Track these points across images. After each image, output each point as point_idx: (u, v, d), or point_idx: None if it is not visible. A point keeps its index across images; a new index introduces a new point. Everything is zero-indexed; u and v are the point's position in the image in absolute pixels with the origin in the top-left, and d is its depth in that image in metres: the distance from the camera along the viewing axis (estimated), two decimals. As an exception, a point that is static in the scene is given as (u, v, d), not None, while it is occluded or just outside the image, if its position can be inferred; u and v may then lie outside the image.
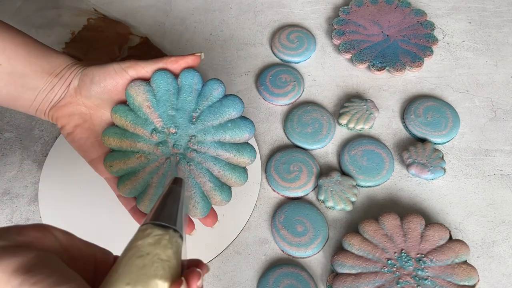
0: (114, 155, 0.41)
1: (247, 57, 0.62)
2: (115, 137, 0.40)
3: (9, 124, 0.57)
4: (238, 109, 0.41)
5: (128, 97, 0.41)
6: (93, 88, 0.40)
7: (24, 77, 0.39)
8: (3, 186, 0.53)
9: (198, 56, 0.41)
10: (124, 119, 0.41)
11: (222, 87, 0.41)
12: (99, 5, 0.67)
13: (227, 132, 0.41)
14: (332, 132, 0.55)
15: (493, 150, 0.54)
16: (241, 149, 0.41)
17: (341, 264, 0.44)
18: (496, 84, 0.59)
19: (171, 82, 0.41)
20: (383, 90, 0.59)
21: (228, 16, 0.66)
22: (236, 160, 0.41)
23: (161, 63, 0.41)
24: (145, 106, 0.40)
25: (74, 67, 0.41)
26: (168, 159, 0.41)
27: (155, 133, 0.41)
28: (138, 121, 0.41)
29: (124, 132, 0.41)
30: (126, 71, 0.40)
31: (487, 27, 0.64)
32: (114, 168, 0.40)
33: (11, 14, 0.66)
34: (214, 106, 0.41)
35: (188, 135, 0.41)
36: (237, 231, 0.49)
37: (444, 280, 0.43)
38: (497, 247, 0.48)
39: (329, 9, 0.67)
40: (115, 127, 0.41)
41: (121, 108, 0.41)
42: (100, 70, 0.40)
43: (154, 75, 0.41)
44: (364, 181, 0.51)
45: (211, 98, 0.41)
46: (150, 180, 0.40)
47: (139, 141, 0.41)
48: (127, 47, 0.63)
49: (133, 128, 0.41)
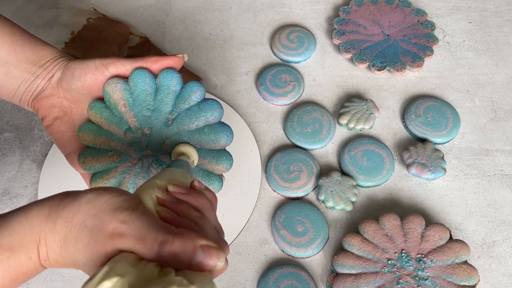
0: (88, 152, 0.40)
1: (247, 57, 0.62)
2: (90, 133, 0.40)
3: (9, 124, 0.57)
4: (216, 114, 0.40)
5: (104, 94, 0.40)
6: (73, 82, 0.40)
7: (8, 65, 0.39)
8: (2, 186, 0.53)
9: (181, 57, 0.40)
10: (99, 116, 0.40)
11: (201, 90, 0.40)
12: (98, 4, 0.67)
13: (203, 138, 0.39)
14: (332, 132, 0.55)
15: (493, 150, 0.54)
16: (217, 155, 0.40)
17: (341, 264, 0.44)
18: (497, 84, 0.59)
19: (149, 82, 0.40)
20: (384, 90, 0.59)
21: (228, 16, 0.66)
22: (211, 167, 0.40)
23: (141, 62, 0.40)
24: (121, 104, 0.40)
25: (60, 59, 0.41)
26: (141, 160, 0.40)
27: (128, 133, 0.40)
28: (113, 119, 0.40)
29: (99, 129, 0.40)
30: (106, 68, 0.40)
31: (487, 26, 0.64)
32: (87, 165, 0.40)
33: (10, 14, 0.66)
34: (192, 110, 0.40)
35: (162, 138, 0.40)
36: (237, 231, 0.49)
37: (445, 280, 0.43)
38: (497, 247, 0.48)
39: (329, 9, 0.67)
40: (91, 123, 0.41)
41: (97, 104, 0.40)
42: (82, 64, 0.40)
43: (133, 73, 0.40)
44: (364, 181, 0.51)
45: (189, 101, 0.40)
46: (122, 180, 0.40)
47: (112, 139, 0.40)
48: (127, 47, 0.63)
49: (108, 126, 0.40)
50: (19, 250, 0.28)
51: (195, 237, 0.27)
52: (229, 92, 0.59)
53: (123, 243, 0.26)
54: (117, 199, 0.28)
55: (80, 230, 0.28)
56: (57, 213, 0.28)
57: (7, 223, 0.29)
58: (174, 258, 0.26)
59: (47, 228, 0.28)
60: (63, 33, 0.64)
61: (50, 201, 0.29)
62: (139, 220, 0.27)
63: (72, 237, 0.28)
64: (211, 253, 0.27)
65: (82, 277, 0.47)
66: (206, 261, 0.27)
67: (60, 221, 0.28)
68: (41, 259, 0.29)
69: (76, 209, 0.28)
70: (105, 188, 0.29)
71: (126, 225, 0.27)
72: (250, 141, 0.54)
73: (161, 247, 0.26)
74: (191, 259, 0.26)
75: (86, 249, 0.27)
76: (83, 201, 0.28)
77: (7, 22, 0.41)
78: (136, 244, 0.26)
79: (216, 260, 0.27)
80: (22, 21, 0.65)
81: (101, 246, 0.27)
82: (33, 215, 0.29)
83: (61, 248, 0.28)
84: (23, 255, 0.29)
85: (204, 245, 0.27)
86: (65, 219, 0.28)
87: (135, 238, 0.26)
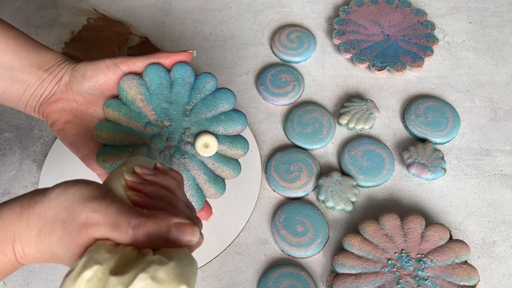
0: (107, 150, 0.40)
1: (247, 57, 0.62)
2: (108, 131, 0.40)
3: (9, 124, 0.57)
4: (231, 102, 0.41)
5: (120, 91, 0.40)
6: (85, 83, 0.40)
7: (12, 70, 0.39)
8: (2, 186, 0.53)
9: (190, 53, 0.42)
10: (117, 112, 0.40)
11: (214, 80, 0.42)
12: (98, 4, 0.67)
13: (220, 124, 0.41)
14: (332, 132, 0.55)
15: (493, 150, 0.54)
16: (234, 141, 0.41)
17: (341, 264, 0.44)
18: (497, 84, 0.59)
19: (164, 75, 0.41)
20: (384, 90, 0.59)
21: (228, 16, 0.66)
22: (230, 152, 0.41)
23: (153, 58, 0.41)
24: (138, 99, 0.40)
25: (64, 63, 0.41)
26: (163, 152, 0.40)
27: (149, 126, 0.40)
28: (131, 114, 0.40)
29: (117, 126, 0.40)
30: (118, 66, 0.40)
31: (487, 27, 0.64)
32: (107, 163, 0.40)
33: (10, 14, 0.66)
34: (207, 99, 0.41)
35: (182, 128, 0.41)
36: (237, 231, 0.49)
37: (445, 280, 0.43)
38: (497, 247, 0.48)
39: (329, 9, 0.67)
40: (107, 121, 0.41)
41: (113, 102, 0.40)
42: (92, 65, 0.40)
43: (147, 69, 0.40)
44: (364, 181, 0.51)
45: (203, 91, 0.41)
46: None
47: (133, 134, 0.40)
48: (127, 47, 0.63)
49: (127, 121, 0.40)
50: None
51: (167, 216, 0.28)
52: (229, 92, 0.59)
53: (97, 232, 0.27)
54: (85, 189, 0.28)
55: (53, 224, 0.28)
56: (29, 211, 0.29)
57: None
58: (149, 239, 0.27)
59: (21, 226, 0.29)
60: (63, 33, 0.64)
61: (20, 200, 0.30)
62: (109, 207, 0.27)
63: (46, 232, 0.28)
64: (186, 230, 0.28)
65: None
66: (181, 238, 0.27)
67: (33, 218, 0.29)
68: (17, 256, 0.29)
69: (46, 205, 0.29)
70: (71, 181, 0.29)
71: (97, 214, 0.27)
72: (250, 141, 0.54)
73: (135, 231, 0.27)
74: (167, 238, 0.27)
75: (61, 242, 0.28)
76: (52, 196, 0.29)
77: (11, 27, 0.40)
78: (110, 231, 0.27)
79: (191, 236, 0.28)
80: (22, 21, 0.65)
81: (76, 237, 0.27)
82: (4, 214, 0.29)
83: (37, 244, 0.29)
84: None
85: (178, 223, 0.28)
86: (38, 216, 0.29)
87: (108, 225, 0.27)
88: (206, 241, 0.48)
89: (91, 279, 0.25)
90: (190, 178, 0.40)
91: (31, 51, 0.40)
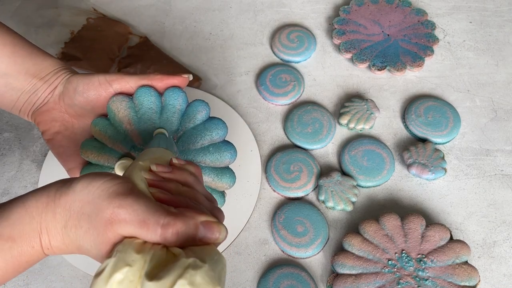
0: (90, 169, 0.40)
1: (247, 57, 0.62)
2: (93, 150, 0.40)
3: (8, 124, 0.57)
4: (221, 134, 0.40)
5: (109, 112, 0.40)
6: (76, 97, 0.40)
7: (7, 76, 0.39)
8: (2, 186, 0.52)
9: (186, 78, 0.41)
10: (103, 133, 0.40)
11: (206, 110, 0.40)
12: (98, 4, 0.67)
13: (207, 156, 0.40)
14: (332, 132, 0.55)
15: (494, 150, 0.54)
16: (220, 173, 0.40)
17: (342, 265, 0.44)
18: (497, 83, 0.59)
19: (154, 100, 0.39)
20: (384, 90, 0.59)
21: (228, 15, 0.66)
22: (215, 185, 0.41)
23: (146, 79, 0.40)
24: (126, 122, 0.40)
25: (61, 72, 0.41)
26: None
27: (133, 151, 0.40)
28: (118, 137, 0.40)
29: (102, 146, 0.40)
30: (110, 84, 0.39)
31: (488, 26, 0.64)
32: None
33: (10, 13, 0.66)
34: (197, 129, 0.40)
35: None
36: (237, 231, 0.49)
37: (445, 281, 0.43)
38: (498, 247, 0.48)
39: (329, 9, 0.67)
40: (94, 140, 0.41)
41: (101, 122, 0.40)
42: (85, 80, 0.40)
43: (138, 91, 0.39)
44: (365, 181, 0.51)
45: (194, 120, 0.40)
46: None
47: (116, 157, 0.40)
48: (127, 47, 0.63)
49: (112, 143, 0.40)
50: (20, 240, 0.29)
51: (195, 215, 0.28)
52: (229, 92, 0.59)
53: (124, 229, 0.27)
54: (110, 183, 0.28)
55: (79, 217, 0.28)
56: (55, 203, 0.29)
57: (6, 214, 0.29)
58: (178, 239, 0.27)
59: (47, 218, 0.29)
60: (63, 33, 0.64)
61: (46, 190, 0.30)
62: (136, 203, 0.27)
63: (72, 225, 0.28)
64: (213, 228, 0.28)
65: (81, 278, 0.47)
66: (209, 236, 0.28)
67: (59, 210, 0.29)
68: (44, 247, 0.29)
69: (72, 198, 0.29)
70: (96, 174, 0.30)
71: (123, 210, 0.27)
72: (250, 141, 0.54)
73: (164, 230, 0.27)
74: (194, 236, 0.27)
75: (87, 236, 0.28)
76: (77, 189, 0.29)
77: (10, 33, 0.40)
78: (138, 229, 0.27)
79: (218, 233, 0.28)
80: (22, 21, 0.65)
81: (102, 232, 0.27)
82: (31, 205, 0.29)
83: (63, 236, 0.29)
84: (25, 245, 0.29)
85: (204, 221, 0.28)
86: (63, 208, 0.29)
87: (136, 223, 0.27)
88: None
89: (122, 281, 0.25)
90: None
91: (28, 58, 0.40)
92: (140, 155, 0.33)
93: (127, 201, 0.27)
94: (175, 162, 0.33)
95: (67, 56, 0.61)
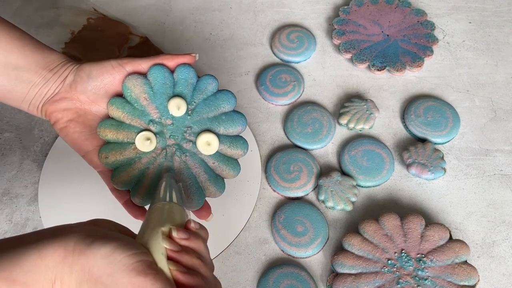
0: (109, 147, 0.41)
1: (247, 57, 0.62)
2: (112, 128, 0.41)
3: (9, 124, 0.57)
4: (231, 103, 0.42)
5: (125, 89, 0.41)
6: (90, 82, 0.40)
7: (18, 69, 0.40)
8: (3, 186, 0.53)
9: (193, 56, 0.43)
10: (121, 110, 0.41)
11: (216, 82, 0.43)
12: (98, 4, 0.67)
13: (221, 124, 0.42)
14: (332, 132, 0.55)
15: (493, 150, 0.54)
16: (234, 141, 0.42)
17: (341, 264, 0.44)
18: (497, 84, 0.59)
19: (167, 76, 0.42)
20: (383, 90, 0.59)
21: (228, 16, 0.66)
22: (230, 152, 0.42)
23: (158, 59, 0.42)
24: (142, 98, 0.41)
25: (68, 64, 0.42)
26: (164, 149, 0.41)
27: (152, 124, 0.41)
28: (135, 112, 0.41)
29: (120, 123, 0.41)
30: (123, 67, 0.41)
31: (487, 27, 0.64)
32: (109, 159, 0.40)
33: (10, 14, 0.66)
34: (209, 100, 0.42)
35: (184, 126, 0.41)
36: (237, 231, 0.49)
37: (444, 280, 0.43)
38: (497, 247, 0.48)
39: (329, 9, 0.67)
40: (111, 119, 0.41)
41: (118, 100, 0.41)
42: (97, 65, 0.41)
43: (151, 69, 0.41)
44: (364, 181, 0.51)
45: (205, 92, 0.42)
46: (146, 171, 0.41)
47: (135, 131, 0.41)
48: (127, 47, 0.63)
49: (130, 119, 0.41)
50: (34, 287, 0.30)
51: None
52: (229, 92, 0.59)
53: None
54: (132, 259, 0.29)
55: (96, 284, 0.29)
56: (73, 258, 0.30)
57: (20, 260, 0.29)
58: None
59: (63, 271, 0.30)
60: (63, 33, 0.64)
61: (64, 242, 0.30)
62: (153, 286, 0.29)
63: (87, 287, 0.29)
64: None
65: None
66: None
67: (77, 268, 0.30)
68: None
69: (92, 261, 0.29)
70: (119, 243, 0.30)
71: None
72: (250, 141, 0.54)
73: None
74: None
75: None
76: (98, 255, 0.30)
77: (15, 28, 0.41)
78: None
79: None
80: (22, 21, 0.65)
81: None
82: (47, 255, 0.30)
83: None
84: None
85: None
86: (82, 267, 0.30)
87: None
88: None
89: None
90: (191, 176, 0.41)
91: (36, 51, 0.41)
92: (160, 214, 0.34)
93: (146, 283, 0.29)
94: (192, 227, 0.34)
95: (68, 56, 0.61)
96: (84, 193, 0.51)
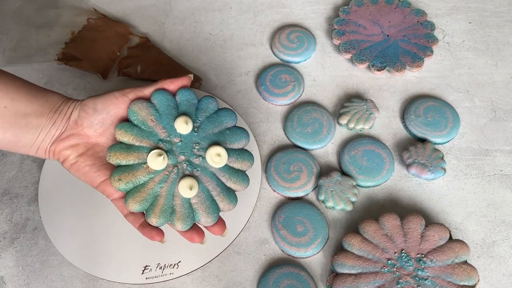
0: (121, 169, 0.41)
1: (247, 57, 0.62)
2: (122, 151, 0.41)
3: (9, 124, 0.57)
4: (233, 119, 0.44)
5: (131, 113, 0.42)
6: (96, 116, 0.41)
7: (27, 116, 0.41)
8: (3, 186, 0.53)
9: (189, 77, 0.45)
10: (129, 133, 0.41)
11: (215, 102, 0.45)
12: (98, 4, 0.67)
13: (226, 138, 0.43)
14: (332, 132, 0.55)
15: (493, 150, 0.54)
16: (241, 153, 0.43)
17: (341, 264, 0.44)
18: (496, 84, 0.59)
19: (170, 98, 0.43)
20: (383, 90, 0.59)
21: (228, 16, 0.66)
22: (238, 164, 0.43)
23: (158, 84, 0.43)
24: (149, 120, 0.42)
25: (70, 101, 0.43)
26: (176, 166, 0.41)
27: (161, 143, 0.42)
28: (143, 134, 0.42)
29: (130, 146, 0.41)
30: (126, 96, 0.42)
31: (487, 27, 0.64)
32: (122, 182, 0.40)
33: (10, 14, 0.66)
34: (212, 117, 0.44)
35: (192, 143, 0.42)
36: (237, 231, 0.49)
37: (444, 280, 0.43)
38: (497, 247, 0.48)
39: (329, 9, 0.67)
40: (119, 143, 0.42)
41: (125, 124, 0.42)
42: (101, 98, 0.42)
43: (154, 93, 0.43)
44: (364, 181, 0.51)
45: (208, 110, 0.44)
46: (160, 190, 0.41)
47: (146, 151, 0.41)
48: (127, 47, 0.63)
49: (139, 141, 0.41)
50: None
51: None
52: (229, 92, 0.59)
53: None
54: None
55: None
56: None
57: None
58: None
59: None
60: (63, 33, 0.64)
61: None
62: None
63: None
64: None
65: (82, 277, 0.47)
66: None
67: None
68: None
69: None
70: None
71: None
72: (250, 141, 0.54)
73: None
74: None
75: None
76: None
77: (16, 77, 0.42)
78: None
79: None
80: (22, 21, 0.65)
81: None
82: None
83: None
84: None
85: None
86: None
87: None
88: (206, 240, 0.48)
89: None
90: (205, 190, 0.41)
91: (39, 95, 0.42)
92: None
93: None
94: None
95: (68, 57, 0.61)
96: (84, 193, 0.51)
